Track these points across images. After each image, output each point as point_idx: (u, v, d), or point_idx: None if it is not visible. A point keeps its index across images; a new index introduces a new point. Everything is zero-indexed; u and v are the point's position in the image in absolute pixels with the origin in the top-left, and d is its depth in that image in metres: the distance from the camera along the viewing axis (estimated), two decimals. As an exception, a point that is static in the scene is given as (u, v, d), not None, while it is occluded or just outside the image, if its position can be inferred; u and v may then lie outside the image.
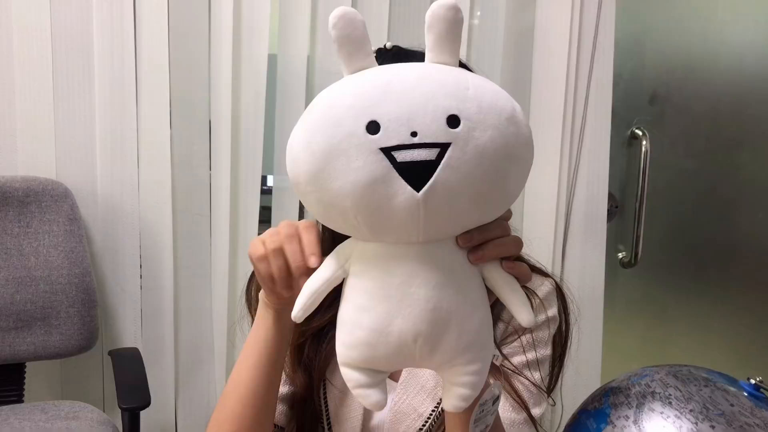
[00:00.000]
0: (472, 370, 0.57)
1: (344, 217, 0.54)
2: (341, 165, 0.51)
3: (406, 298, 0.55)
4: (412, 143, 0.50)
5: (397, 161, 0.50)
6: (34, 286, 1.53)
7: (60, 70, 1.58)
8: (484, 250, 0.58)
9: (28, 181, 1.55)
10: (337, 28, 0.55)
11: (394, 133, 0.50)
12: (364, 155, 0.51)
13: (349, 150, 0.51)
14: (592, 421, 0.74)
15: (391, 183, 0.50)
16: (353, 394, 0.59)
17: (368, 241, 0.57)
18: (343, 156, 0.51)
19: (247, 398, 0.79)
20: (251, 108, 1.65)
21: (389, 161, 0.50)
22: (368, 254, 0.57)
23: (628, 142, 1.83)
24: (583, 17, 1.70)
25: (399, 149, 0.50)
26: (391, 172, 0.50)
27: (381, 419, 0.90)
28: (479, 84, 0.54)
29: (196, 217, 1.70)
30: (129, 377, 1.49)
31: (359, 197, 0.51)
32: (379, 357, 0.57)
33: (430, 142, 0.50)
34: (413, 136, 0.50)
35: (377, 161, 0.50)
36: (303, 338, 0.91)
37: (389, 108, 0.51)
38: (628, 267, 1.86)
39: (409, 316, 0.55)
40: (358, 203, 0.52)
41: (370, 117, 0.51)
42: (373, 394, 0.59)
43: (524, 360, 0.89)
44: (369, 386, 0.58)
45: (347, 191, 0.52)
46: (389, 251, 0.56)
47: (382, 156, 0.50)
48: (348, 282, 0.59)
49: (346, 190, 0.52)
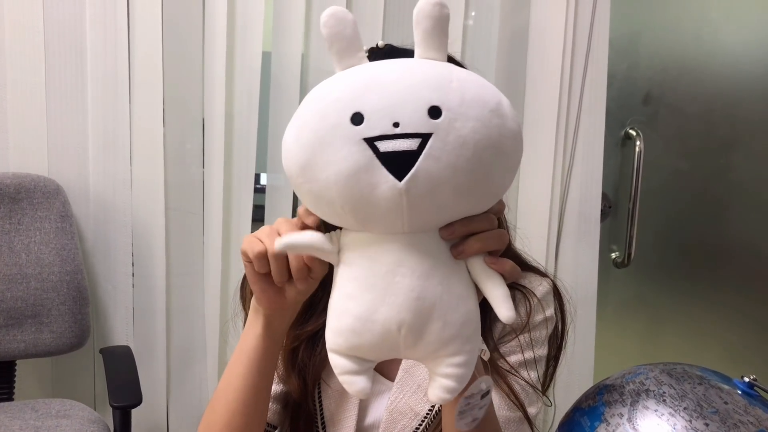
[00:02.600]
0: (456, 362, 0.57)
1: (332, 208, 0.55)
2: (327, 156, 0.53)
3: (391, 287, 0.56)
4: (394, 133, 0.51)
5: (380, 151, 0.51)
6: (25, 284, 1.52)
7: (53, 67, 1.57)
8: (465, 244, 0.57)
9: (19, 177, 1.54)
10: (328, 27, 0.56)
11: (376, 124, 0.51)
12: (348, 145, 0.52)
13: (334, 141, 0.52)
14: (586, 419, 0.74)
15: (374, 172, 0.51)
16: (339, 380, 0.59)
17: (357, 231, 0.58)
18: (329, 147, 0.53)
19: (236, 405, 0.78)
20: (245, 106, 1.65)
21: (372, 151, 0.51)
22: (357, 243, 0.58)
23: (622, 143, 1.84)
24: (577, 17, 1.71)
25: (381, 139, 0.51)
26: (374, 162, 0.51)
27: (377, 418, 0.90)
28: (464, 77, 0.55)
29: (189, 215, 1.69)
30: (120, 375, 1.49)
31: (343, 186, 0.53)
32: (364, 345, 0.57)
33: (412, 132, 0.51)
34: (395, 126, 0.51)
35: (360, 151, 0.51)
36: (297, 342, 0.90)
37: (373, 100, 0.52)
38: (622, 267, 1.86)
39: (393, 305, 0.55)
40: (343, 193, 0.53)
41: (354, 109, 0.52)
42: (358, 381, 0.59)
43: (521, 359, 0.89)
44: (355, 373, 0.59)
45: (332, 181, 0.53)
46: (376, 241, 0.57)
47: (365, 146, 0.51)
48: (338, 270, 0.60)
49: (332, 180, 0.53)
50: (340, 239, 0.60)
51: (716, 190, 1.90)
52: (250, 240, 0.67)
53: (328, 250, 0.60)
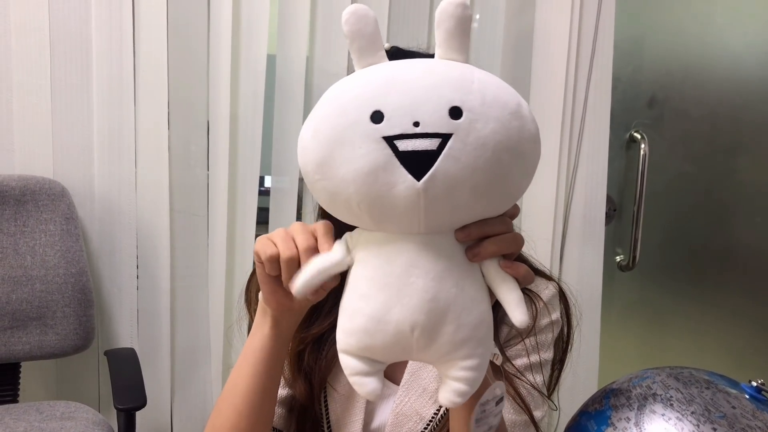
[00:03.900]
0: (468, 365, 0.57)
1: (348, 206, 0.55)
2: (346, 153, 0.52)
3: (406, 288, 0.55)
4: (414, 133, 0.51)
5: (399, 150, 0.51)
6: (30, 286, 1.53)
7: (58, 69, 1.57)
8: (480, 247, 0.57)
9: (25, 179, 1.54)
10: (349, 24, 0.56)
11: (397, 123, 0.51)
12: (367, 143, 0.52)
13: (353, 138, 0.52)
14: (592, 423, 0.73)
15: (392, 171, 0.51)
16: (350, 381, 0.59)
17: (372, 230, 0.58)
18: (347, 144, 0.52)
19: (243, 407, 0.77)
20: (250, 108, 1.65)
21: (391, 150, 0.51)
22: (372, 243, 0.58)
23: (627, 145, 1.83)
24: (582, 20, 1.70)
25: (401, 138, 0.51)
26: (393, 161, 0.51)
27: (382, 422, 0.90)
28: (485, 78, 0.54)
29: (194, 217, 1.69)
30: (125, 377, 1.49)
31: (361, 184, 0.52)
32: (376, 346, 0.57)
33: (432, 132, 0.51)
34: (416, 126, 0.51)
35: (379, 149, 0.51)
36: (302, 345, 0.90)
37: (393, 98, 0.52)
38: (626, 270, 1.86)
39: (407, 306, 0.55)
40: (360, 191, 0.53)
41: (374, 107, 0.52)
42: (369, 383, 0.58)
43: (527, 362, 0.89)
44: (366, 374, 0.58)
45: (350, 179, 0.53)
46: (391, 241, 0.56)
47: (385, 144, 0.51)
48: (352, 270, 0.59)
49: (349, 177, 0.53)
50: (353, 239, 0.60)
51: (721, 193, 1.89)
52: (264, 242, 0.66)
53: (338, 263, 0.60)
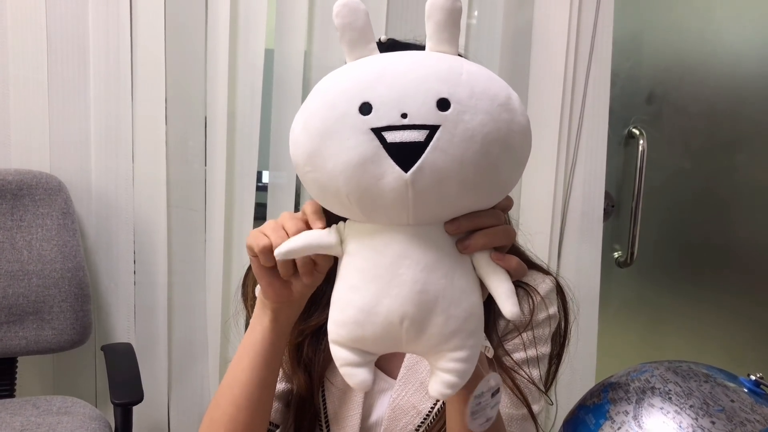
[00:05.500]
0: (458, 357, 0.57)
1: (338, 198, 0.55)
2: (335, 145, 0.53)
3: (395, 279, 0.55)
4: (402, 124, 0.51)
5: (387, 141, 0.51)
6: (27, 280, 1.52)
7: (55, 63, 1.57)
8: (471, 239, 0.57)
9: (21, 174, 1.54)
10: (341, 17, 0.56)
11: (384, 114, 0.51)
12: (356, 135, 0.52)
13: (342, 130, 0.52)
14: (591, 417, 0.73)
15: (380, 163, 0.51)
16: (341, 372, 0.59)
17: (362, 222, 0.58)
18: (336, 136, 0.53)
19: (242, 400, 0.77)
20: (247, 103, 1.64)
21: (379, 141, 0.51)
22: (362, 235, 0.58)
23: (625, 141, 1.83)
24: (581, 16, 1.70)
25: (389, 130, 0.51)
26: (381, 152, 0.51)
27: (380, 416, 0.89)
28: (474, 71, 0.54)
29: (191, 212, 1.69)
30: (122, 372, 1.49)
31: (350, 176, 0.53)
32: (366, 337, 0.57)
33: (419, 123, 0.51)
34: (403, 117, 0.51)
35: (367, 141, 0.51)
36: (301, 337, 0.90)
37: (382, 90, 0.52)
38: (624, 266, 1.86)
39: (397, 297, 0.55)
40: (349, 182, 0.53)
41: (363, 99, 0.52)
42: (360, 374, 0.58)
43: (524, 357, 0.88)
44: (356, 365, 0.58)
45: (339, 170, 0.53)
46: (381, 232, 0.57)
47: (373, 136, 0.51)
48: (342, 261, 0.60)
49: (338, 169, 0.53)
50: (344, 230, 0.60)
51: (719, 189, 1.89)
52: (256, 235, 0.67)
53: (328, 245, 0.60)
